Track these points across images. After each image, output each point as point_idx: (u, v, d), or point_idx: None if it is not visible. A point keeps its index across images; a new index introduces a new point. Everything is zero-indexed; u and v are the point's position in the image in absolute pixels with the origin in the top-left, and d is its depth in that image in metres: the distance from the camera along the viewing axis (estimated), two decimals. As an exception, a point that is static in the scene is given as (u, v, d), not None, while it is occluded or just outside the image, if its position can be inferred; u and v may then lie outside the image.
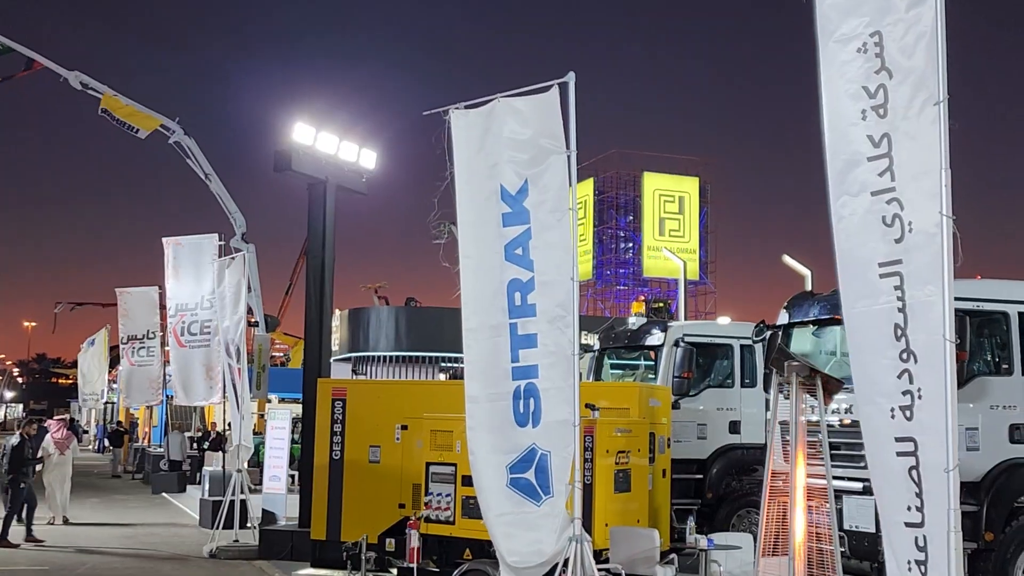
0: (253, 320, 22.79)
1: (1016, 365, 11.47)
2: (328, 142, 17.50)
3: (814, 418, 8.85)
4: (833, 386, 8.66)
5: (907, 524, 5.85)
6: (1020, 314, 11.52)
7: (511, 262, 9.18)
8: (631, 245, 50.12)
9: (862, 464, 11.15)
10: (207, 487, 20.45)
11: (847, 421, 11.46)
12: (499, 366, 9.19)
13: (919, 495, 5.80)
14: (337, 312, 38.48)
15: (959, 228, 5.74)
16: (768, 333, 13.14)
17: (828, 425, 11.69)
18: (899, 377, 5.98)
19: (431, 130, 9.70)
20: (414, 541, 11.33)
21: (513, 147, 9.23)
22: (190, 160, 22.38)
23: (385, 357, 37.82)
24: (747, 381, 16.02)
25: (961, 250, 5.71)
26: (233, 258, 18.28)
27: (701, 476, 15.59)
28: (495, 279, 9.27)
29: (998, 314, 11.52)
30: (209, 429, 31.58)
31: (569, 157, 9.07)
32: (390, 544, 12.99)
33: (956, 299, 10.91)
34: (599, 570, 9.06)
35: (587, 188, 48.39)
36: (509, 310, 9.17)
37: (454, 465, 11.67)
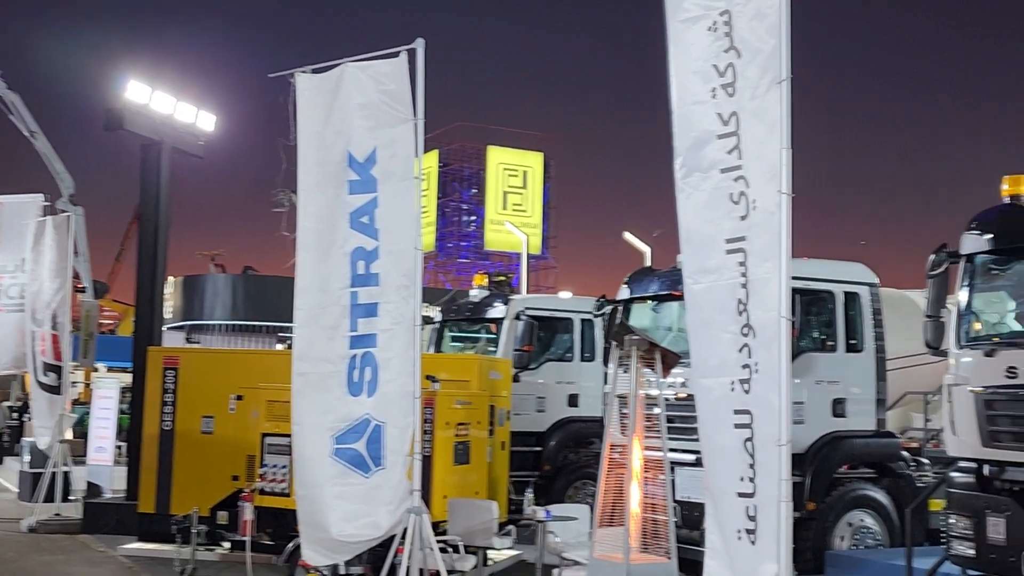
0: (80, 286, 21.83)
1: (840, 342, 11.96)
2: (164, 102, 16.88)
3: (652, 391, 9.00)
4: (671, 360, 8.82)
5: (740, 494, 6.00)
6: (845, 293, 12.01)
7: (356, 230, 9.02)
8: (474, 218, 50.25)
9: (695, 437, 11.47)
10: (27, 458, 19.54)
11: (683, 395, 11.71)
12: (335, 335, 9.03)
13: (752, 467, 5.95)
14: (171, 279, 37.33)
15: (796, 206, 5.89)
16: (608, 308, 13.34)
17: (665, 399, 11.98)
18: (740, 351, 6.12)
19: (275, 94, 9.44)
20: (247, 514, 11.08)
21: (362, 114, 9.05)
22: (13, 116, 21.22)
23: (221, 326, 36.97)
24: (587, 355, 16.26)
25: (791, 229, 5.86)
26: (51, 219, 17.44)
27: (540, 448, 15.77)
28: (337, 248, 9.09)
29: (825, 293, 11.97)
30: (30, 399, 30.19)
31: (417, 125, 8.96)
32: (222, 517, 12.68)
33: (787, 278, 11.36)
34: (437, 542, 9.05)
35: (431, 160, 48.21)
36: (351, 279, 9.02)
37: (290, 436, 11.43)
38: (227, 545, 12.75)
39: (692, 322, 6.70)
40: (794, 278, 11.29)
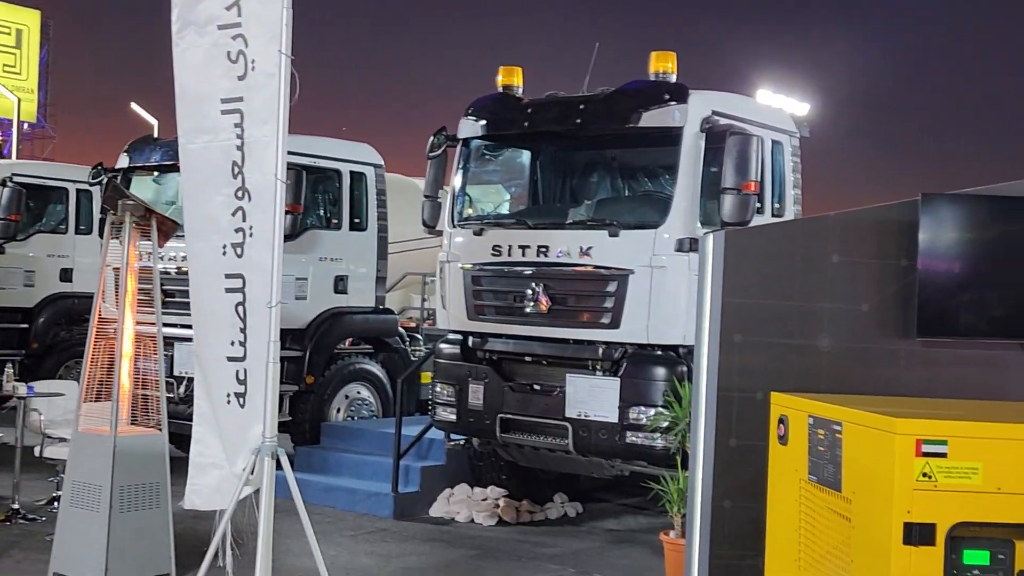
0: None
1: (345, 221, 12.20)
2: None
3: (148, 264, 8.60)
4: (169, 227, 8.45)
5: (229, 359, 5.96)
6: (351, 173, 12.22)
7: None
8: (-42, 77, 44.95)
9: (195, 312, 11.25)
10: None
11: (184, 269, 11.38)
12: None
13: (243, 331, 5.92)
14: None
15: (297, 69, 5.82)
16: (106, 177, 12.56)
17: (164, 272, 11.55)
18: (233, 215, 6.02)
19: None
20: None
21: None
22: None
23: None
24: (83, 227, 15.26)
25: (299, 91, 5.80)
26: None
27: (27, 325, 14.70)
28: None
29: (332, 171, 12.11)
30: None
31: None
32: None
33: (295, 154, 11.36)
34: None
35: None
36: None
37: None
38: None
39: (187, 184, 6.47)
40: (302, 155, 11.53)
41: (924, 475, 3.65)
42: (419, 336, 14.29)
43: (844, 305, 5.38)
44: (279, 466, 5.55)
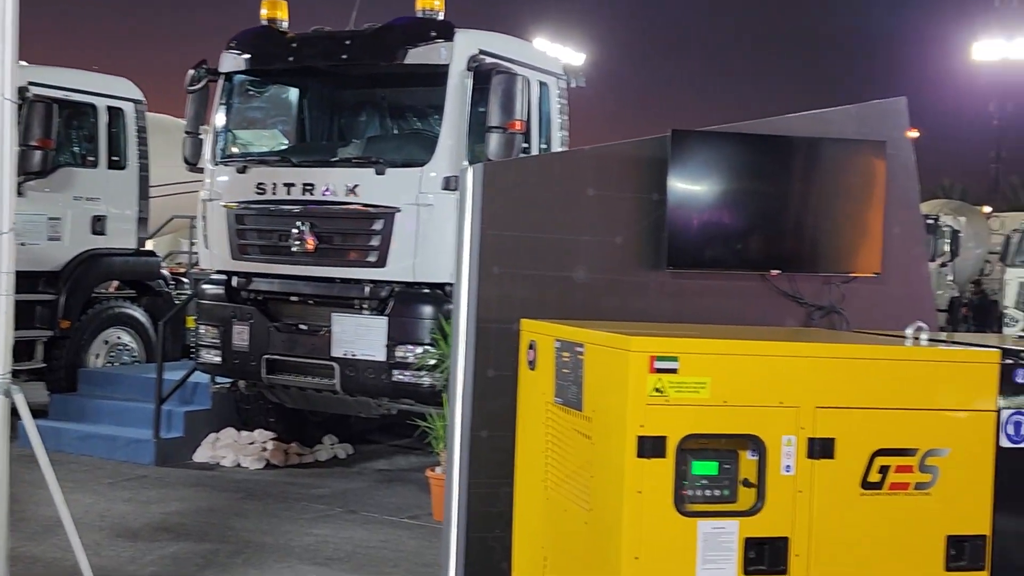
0: None
1: (102, 158, 11.64)
2: None
3: None
4: None
5: None
6: (108, 108, 11.65)
7: None
8: None
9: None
10: None
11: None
12: None
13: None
14: None
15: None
16: None
17: None
18: None
19: None
20: None
21: None
22: None
23: None
24: None
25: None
26: None
27: None
28: None
29: (87, 106, 11.51)
30: None
31: None
32: None
33: (45, 86, 10.72)
34: None
35: None
36: None
37: None
38: None
39: None
40: (53, 87, 10.89)
41: (656, 390, 3.79)
42: (187, 281, 13.85)
43: (599, 237, 5.51)
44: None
